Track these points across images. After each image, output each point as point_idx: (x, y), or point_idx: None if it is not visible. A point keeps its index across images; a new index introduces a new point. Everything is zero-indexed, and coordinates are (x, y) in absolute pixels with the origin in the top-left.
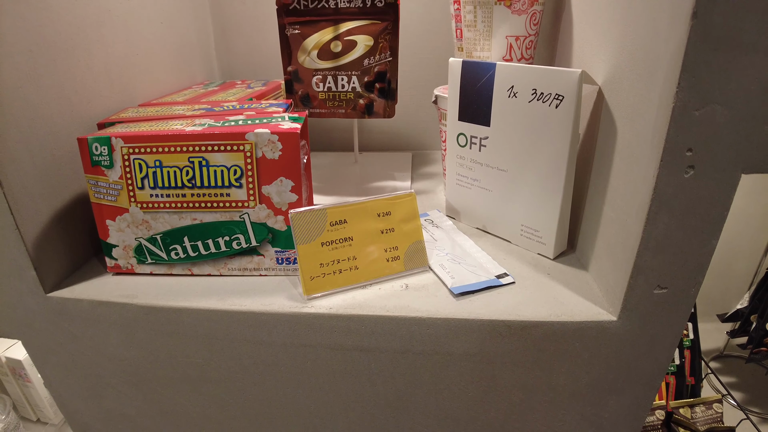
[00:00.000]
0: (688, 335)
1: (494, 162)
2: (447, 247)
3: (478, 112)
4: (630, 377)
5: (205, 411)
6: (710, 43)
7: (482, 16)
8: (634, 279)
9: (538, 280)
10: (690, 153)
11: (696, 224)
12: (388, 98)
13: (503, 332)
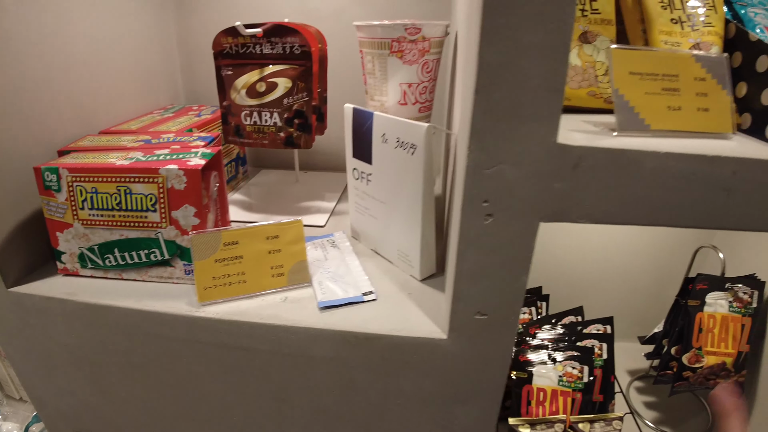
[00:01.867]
0: (601, 355)
1: (377, 194)
2: (334, 266)
3: (364, 151)
4: (471, 390)
5: (131, 390)
6: (493, 113)
7: (379, 66)
8: (456, 305)
9: (398, 299)
10: (486, 204)
11: (503, 262)
12: (306, 132)
13: (352, 341)
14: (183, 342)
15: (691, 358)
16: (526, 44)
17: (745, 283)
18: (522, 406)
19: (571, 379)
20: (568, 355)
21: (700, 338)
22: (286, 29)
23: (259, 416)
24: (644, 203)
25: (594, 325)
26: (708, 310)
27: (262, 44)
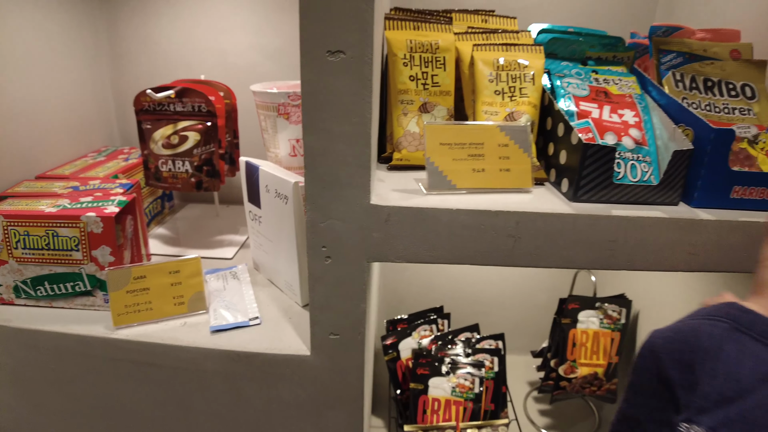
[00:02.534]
0: (493, 368)
1: (266, 234)
2: (230, 296)
3: (255, 196)
4: (337, 397)
5: (62, 404)
6: (321, 183)
7: (271, 124)
8: (313, 328)
9: (279, 323)
10: (325, 249)
11: (345, 294)
12: (214, 177)
13: (235, 358)
14: (102, 360)
15: (566, 370)
16: (338, 133)
17: (615, 302)
18: (418, 414)
19: (463, 390)
20: (461, 367)
21: (575, 352)
22: (194, 92)
23: (167, 421)
24: (445, 247)
25: (487, 340)
26: (581, 326)
27: (174, 103)
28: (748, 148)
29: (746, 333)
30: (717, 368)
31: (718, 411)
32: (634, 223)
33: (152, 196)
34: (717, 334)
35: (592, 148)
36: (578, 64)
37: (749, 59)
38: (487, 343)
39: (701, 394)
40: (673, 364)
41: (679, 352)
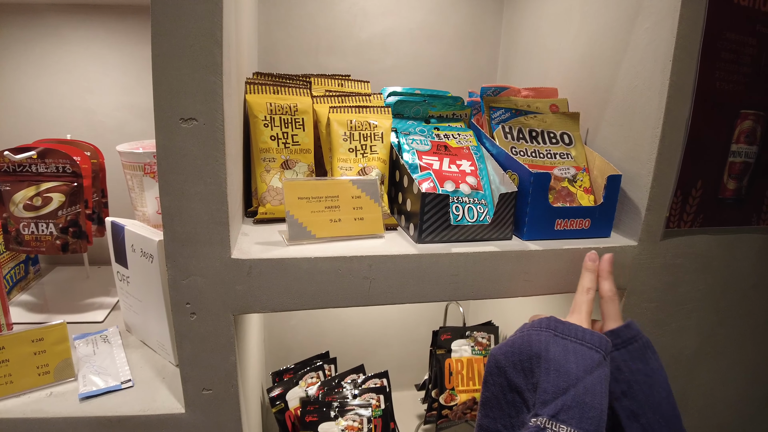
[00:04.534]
0: (379, 405)
1: (135, 294)
2: (100, 360)
3: (122, 257)
4: None
5: None
6: (179, 241)
7: (137, 183)
8: (185, 384)
9: (153, 384)
10: (189, 305)
11: (213, 348)
12: (81, 238)
13: (106, 424)
14: None
15: (446, 398)
16: (193, 193)
17: (483, 329)
18: None
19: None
20: (349, 409)
21: (452, 380)
22: (58, 153)
23: None
24: (308, 293)
25: (372, 380)
26: (455, 355)
27: (37, 164)
28: (569, 186)
29: (565, 338)
30: (549, 367)
31: (556, 401)
32: (471, 258)
33: (14, 261)
34: (543, 339)
35: (429, 196)
36: (422, 122)
37: (565, 112)
38: (372, 383)
39: (542, 390)
40: (517, 373)
41: (519, 361)
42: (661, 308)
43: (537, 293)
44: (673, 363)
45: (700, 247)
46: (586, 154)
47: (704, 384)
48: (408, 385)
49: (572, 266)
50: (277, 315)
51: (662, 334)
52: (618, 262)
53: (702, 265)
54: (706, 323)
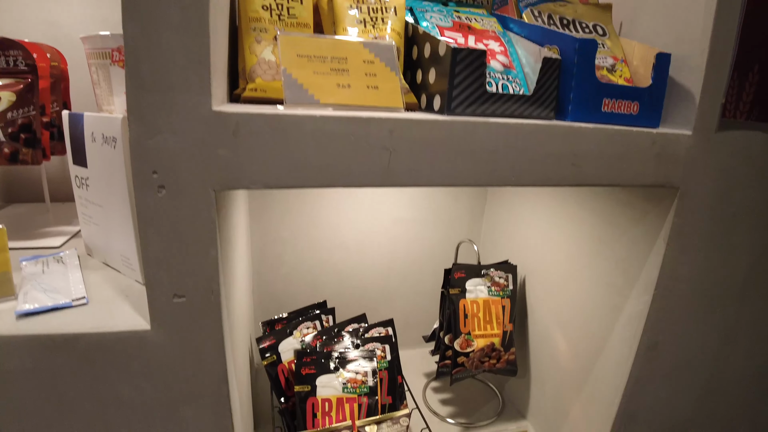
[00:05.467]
0: (385, 357)
1: (95, 198)
2: (49, 279)
3: (80, 155)
4: (192, 388)
5: None
6: (143, 87)
7: (103, 76)
8: (150, 291)
9: (113, 302)
10: (156, 175)
11: (187, 238)
12: (34, 147)
13: (50, 345)
14: None
15: (462, 344)
16: (164, 19)
17: (500, 268)
18: (308, 419)
19: (355, 385)
20: (350, 361)
21: (467, 323)
22: (9, 42)
23: None
24: (312, 166)
25: (376, 328)
26: (470, 296)
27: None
28: (608, 75)
29: None
30: None
31: None
32: (513, 130)
33: None
34: None
35: (462, 52)
36: (439, 4)
37: (596, 3)
38: (376, 331)
39: None
40: None
41: None
42: (714, 219)
43: (585, 182)
44: (724, 288)
45: (755, 149)
46: (623, 45)
47: (756, 313)
48: (412, 343)
49: (626, 152)
50: (266, 262)
51: (715, 251)
52: (671, 154)
53: (757, 170)
54: (758, 241)
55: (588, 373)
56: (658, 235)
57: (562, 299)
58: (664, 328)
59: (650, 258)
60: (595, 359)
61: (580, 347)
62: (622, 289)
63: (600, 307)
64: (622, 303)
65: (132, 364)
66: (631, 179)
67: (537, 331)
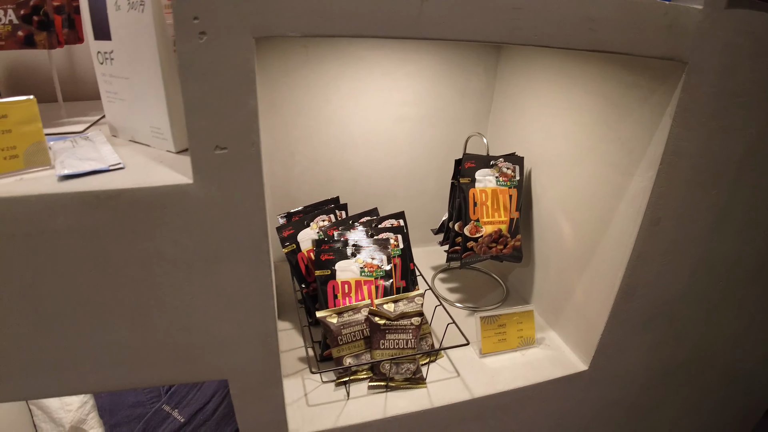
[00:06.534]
0: (398, 246)
1: (121, 72)
2: (82, 152)
3: (103, 28)
4: (233, 241)
5: None
6: None
7: None
8: (193, 143)
9: (149, 166)
10: (197, 21)
11: (227, 87)
12: (48, 30)
13: (93, 202)
14: None
15: (471, 229)
16: None
17: (508, 159)
18: (329, 301)
19: (372, 269)
20: (366, 248)
21: (477, 211)
22: None
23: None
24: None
25: (388, 220)
26: (479, 186)
27: None
28: None
29: None
30: None
31: None
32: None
33: None
34: None
35: None
36: None
37: None
38: (388, 223)
39: None
40: None
41: None
42: (717, 96)
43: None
44: (722, 166)
45: (761, 28)
46: None
47: (748, 195)
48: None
49: (639, 21)
50: (281, 160)
51: (716, 129)
52: (681, 26)
53: (760, 50)
54: (756, 121)
55: (592, 252)
56: (664, 112)
57: (567, 185)
58: (665, 204)
59: (656, 135)
60: (599, 238)
61: (584, 229)
62: (627, 167)
63: (604, 187)
64: (626, 181)
65: (174, 219)
66: (644, 49)
67: (541, 220)
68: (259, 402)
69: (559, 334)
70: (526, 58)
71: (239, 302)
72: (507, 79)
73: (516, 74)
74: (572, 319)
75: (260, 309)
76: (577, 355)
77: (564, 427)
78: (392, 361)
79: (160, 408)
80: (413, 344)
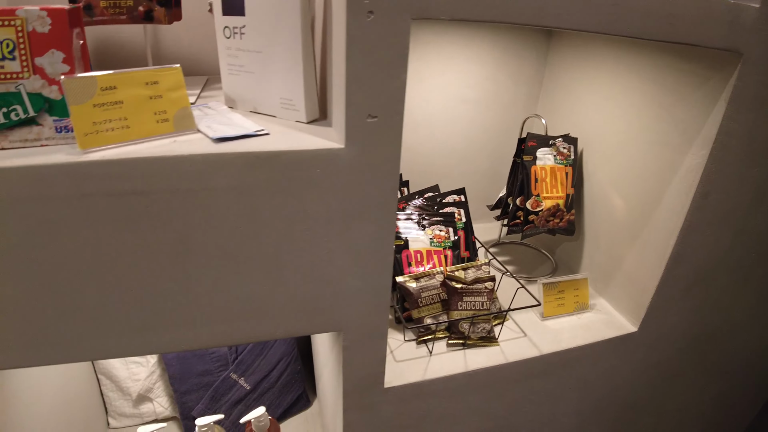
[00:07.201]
0: (461, 219)
1: (252, 46)
2: (218, 119)
3: (235, 4)
4: (367, 202)
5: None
6: None
7: None
8: (350, 111)
9: (289, 133)
10: (367, 1)
11: (384, 62)
12: (167, 5)
13: (254, 163)
14: (65, 201)
15: (533, 204)
16: None
17: (564, 139)
18: (404, 268)
19: (440, 240)
20: (434, 221)
21: (537, 186)
22: None
23: (160, 277)
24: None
25: (450, 195)
26: (539, 163)
27: None
28: None
29: None
30: None
31: None
32: None
33: None
34: None
35: None
36: None
37: None
38: (450, 198)
39: None
40: None
41: None
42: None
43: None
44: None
45: None
46: None
47: None
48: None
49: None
50: None
51: (763, 113)
52: (740, 22)
53: None
54: None
55: (644, 224)
56: (719, 97)
57: (619, 163)
58: (714, 179)
59: (710, 117)
60: (651, 211)
61: (636, 202)
62: (680, 146)
63: (657, 164)
64: (679, 159)
65: (323, 180)
66: (709, 41)
67: (593, 195)
68: (366, 354)
69: (607, 301)
70: (576, 47)
71: (366, 257)
72: (558, 64)
73: (566, 60)
74: (622, 285)
75: (381, 264)
76: (626, 318)
77: (610, 384)
78: (471, 320)
79: (227, 376)
80: (487, 306)
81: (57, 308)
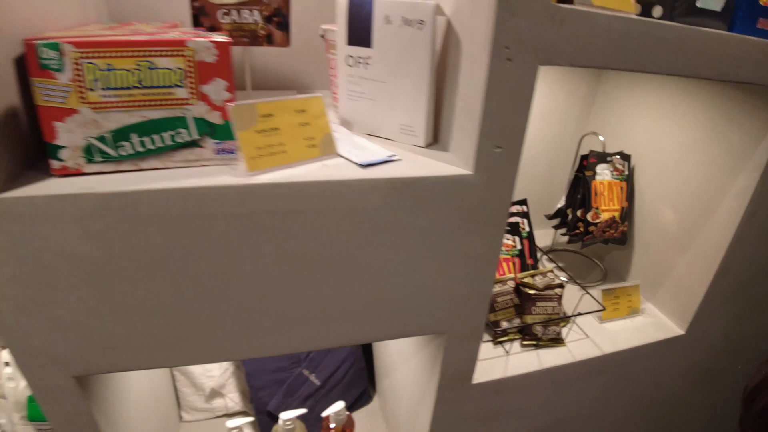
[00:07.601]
0: (525, 228)
1: (377, 76)
2: (348, 142)
3: (361, 36)
4: (484, 219)
5: (159, 299)
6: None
7: None
8: (481, 141)
9: (416, 159)
10: (508, 50)
11: (515, 103)
12: (284, 30)
13: (398, 186)
14: (232, 218)
15: (592, 216)
16: None
17: (620, 156)
18: None
19: (508, 248)
20: None
21: (596, 200)
22: None
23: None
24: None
25: (514, 206)
26: (599, 178)
27: None
28: None
29: None
30: None
31: None
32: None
33: None
34: None
35: None
36: None
37: None
38: (515, 208)
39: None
40: None
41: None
42: None
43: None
44: None
45: None
46: None
47: None
48: None
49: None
50: None
51: None
52: None
53: None
54: None
55: (694, 236)
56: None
57: (670, 181)
58: (762, 200)
59: (763, 143)
60: (701, 225)
61: (686, 217)
62: (732, 169)
63: (708, 182)
64: (730, 180)
65: (450, 200)
66: None
67: (644, 209)
68: (461, 353)
69: (655, 305)
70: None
71: (476, 266)
72: (611, 83)
73: (620, 80)
74: (671, 291)
75: (488, 272)
76: (673, 322)
77: (656, 383)
78: (544, 324)
79: (300, 372)
80: (558, 310)
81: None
